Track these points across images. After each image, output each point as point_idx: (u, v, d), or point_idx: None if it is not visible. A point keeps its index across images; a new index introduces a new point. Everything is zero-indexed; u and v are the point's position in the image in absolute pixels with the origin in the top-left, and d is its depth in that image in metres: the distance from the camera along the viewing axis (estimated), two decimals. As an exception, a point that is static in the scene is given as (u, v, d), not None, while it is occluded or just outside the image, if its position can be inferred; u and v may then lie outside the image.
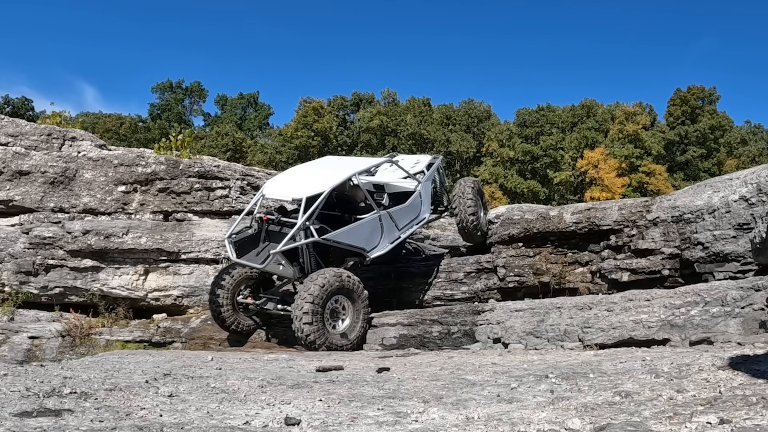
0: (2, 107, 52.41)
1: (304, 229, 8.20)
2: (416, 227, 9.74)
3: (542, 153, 48.61)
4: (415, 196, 9.49)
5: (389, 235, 9.09)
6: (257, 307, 9.01)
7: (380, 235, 8.93)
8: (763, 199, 7.33)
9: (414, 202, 9.47)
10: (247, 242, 8.70)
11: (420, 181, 9.73)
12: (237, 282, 8.97)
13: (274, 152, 50.31)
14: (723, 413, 3.06)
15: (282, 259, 8.14)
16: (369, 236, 8.80)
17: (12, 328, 10.05)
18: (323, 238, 8.28)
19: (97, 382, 4.82)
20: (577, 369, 5.02)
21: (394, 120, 51.77)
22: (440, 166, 10.52)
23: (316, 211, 8.29)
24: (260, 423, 3.60)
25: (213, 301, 8.95)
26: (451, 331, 8.04)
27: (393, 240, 9.16)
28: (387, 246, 9.04)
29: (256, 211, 9.09)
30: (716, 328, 6.23)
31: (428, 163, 10.33)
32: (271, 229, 8.74)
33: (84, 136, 11.76)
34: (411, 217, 9.47)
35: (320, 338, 7.73)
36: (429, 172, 10.01)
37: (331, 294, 7.89)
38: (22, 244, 10.65)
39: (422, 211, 9.68)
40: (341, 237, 8.47)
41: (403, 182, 9.78)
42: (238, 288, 9.01)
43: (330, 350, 7.70)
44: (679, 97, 52.96)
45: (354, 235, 8.62)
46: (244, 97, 65.10)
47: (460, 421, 3.49)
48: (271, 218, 8.83)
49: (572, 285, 8.89)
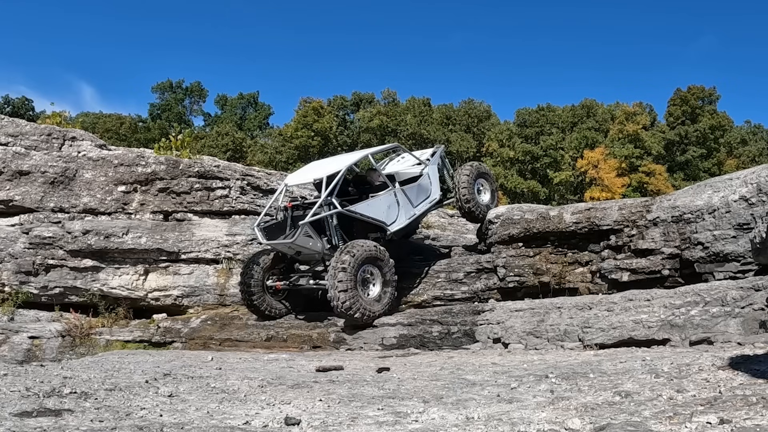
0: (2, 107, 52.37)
1: (328, 203, 8.83)
2: (429, 206, 10.37)
3: (542, 153, 48.59)
4: (424, 177, 10.18)
5: (406, 211, 9.76)
6: (290, 286, 9.53)
7: (397, 210, 9.62)
8: (763, 199, 7.33)
9: (424, 182, 10.15)
10: (274, 228, 9.34)
11: (426, 164, 10.36)
12: (265, 268, 9.49)
13: (274, 152, 50.28)
14: (723, 413, 3.06)
15: (311, 231, 8.75)
16: (388, 210, 9.49)
17: (12, 328, 10.05)
18: (347, 210, 8.97)
19: (97, 382, 4.83)
20: (577, 369, 5.02)
21: (394, 120, 51.75)
22: (443, 154, 11.08)
23: (337, 187, 8.96)
24: (260, 423, 3.61)
25: (245, 288, 9.44)
26: (451, 331, 8.04)
27: (410, 216, 9.83)
28: (404, 221, 9.72)
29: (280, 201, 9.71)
30: (716, 328, 6.23)
31: (432, 152, 11.05)
32: (296, 215, 9.30)
33: (84, 136, 11.75)
34: (424, 196, 10.14)
35: (355, 305, 8.29)
36: (433, 158, 10.69)
37: (361, 263, 8.46)
38: (22, 244, 10.65)
39: (433, 192, 10.32)
40: (362, 209, 9.19)
41: (411, 169, 10.41)
42: (267, 274, 9.53)
43: (363, 316, 8.36)
44: (679, 97, 52.94)
45: (374, 209, 9.31)
46: (244, 97, 65.04)
47: (460, 421, 3.49)
48: (296, 203, 9.61)
49: (572, 285, 8.88)
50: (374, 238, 9.27)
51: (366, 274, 8.64)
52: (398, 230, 9.63)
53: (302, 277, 9.55)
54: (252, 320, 9.78)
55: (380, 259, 8.75)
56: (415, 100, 54.26)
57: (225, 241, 10.92)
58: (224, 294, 10.73)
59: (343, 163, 9.43)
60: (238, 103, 64.88)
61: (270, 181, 12.16)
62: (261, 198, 11.71)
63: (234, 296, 10.67)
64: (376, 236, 9.40)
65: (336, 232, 8.98)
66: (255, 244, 10.49)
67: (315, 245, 8.86)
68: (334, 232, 8.97)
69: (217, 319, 10.03)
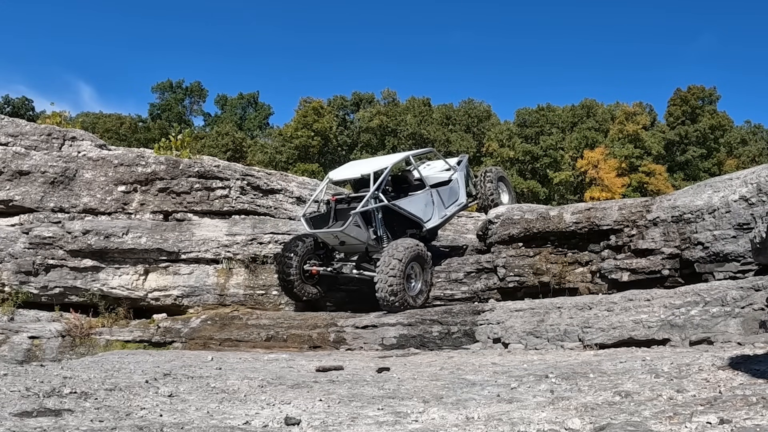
0: (2, 107, 52.40)
1: (375, 197, 9.45)
2: (457, 208, 11.09)
3: (542, 153, 48.60)
4: (454, 182, 11.02)
5: (439, 210, 10.52)
6: (334, 273, 10.03)
7: (432, 209, 10.37)
8: (763, 199, 7.33)
9: (453, 186, 10.97)
10: (318, 219, 9.84)
11: (456, 170, 11.28)
12: (303, 254, 9.95)
13: (274, 152, 50.26)
14: (723, 413, 3.06)
15: (360, 221, 9.27)
16: (425, 209, 10.21)
17: (12, 328, 10.04)
18: (392, 204, 9.58)
19: (97, 382, 4.83)
20: (577, 369, 5.02)
21: (394, 120, 51.74)
22: (467, 163, 12.02)
23: (383, 182, 9.62)
24: (260, 423, 3.61)
25: (283, 276, 9.88)
26: (451, 331, 8.04)
27: (442, 216, 10.58)
28: (438, 220, 10.46)
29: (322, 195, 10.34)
30: (716, 328, 6.22)
31: (458, 160, 12.02)
32: (339, 208, 9.77)
33: (84, 136, 11.75)
34: (453, 199, 10.92)
35: (400, 298, 8.83)
36: (461, 165, 11.61)
37: (410, 260, 9.00)
38: (22, 244, 10.65)
39: (461, 196, 11.14)
40: (404, 204, 9.86)
41: (440, 174, 11.28)
42: (305, 259, 9.98)
43: (404, 308, 8.80)
44: (679, 97, 52.95)
45: (414, 206, 10.01)
46: (244, 97, 65.05)
47: (460, 421, 3.49)
48: (340, 197, 10.17)
49: (572, 285, 8.88)
50: (411, 234, 9.88)
51: (411, 270, 9.15)
52: (432, 228, 10.35)
53: (345, 266, 10.03)
54: (252, 320, 9.78)
55: (424, 258, 9.31)
56: (415, 100, 54.26)
57: (225, 241, 10.91)
58: (224, 294, 10.73)
59: (389, 162, 10.14)
60: (238, 103, 64.89)
61: (270, 181, 12.14)
62: (261, 198, 11.70)
63: (234, 296, 10.68)
64: (413, 232, 10.01)
65: (381, 224, 9.58)
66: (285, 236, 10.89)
67: (362, 235, 9.40)
68: (379, 224, 9.56)
69: (217, 319, 10.03)
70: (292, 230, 10.99)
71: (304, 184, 12.93)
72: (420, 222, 10.04)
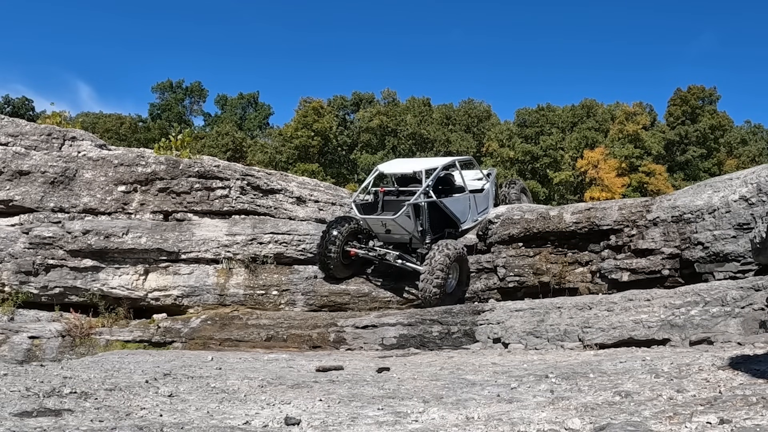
0: (2, 107, 52.37)
1: (425, 192, 9.93)
2: (485, 216, 11.30)
3: (542, 153, 48.55)
4: (486, 191, 11.65)
5: (473, 214, 11.04)
6: (377, 258, 10.38)
7: (468, 212, 10.95)
8: (763, 199, 7.33)
9: (486, 194, 11.63)
10: (367, 207, 10.53)
11: (488, 180, 11.94)
12: (346, 236, 10.42)
13: (274, 152, 50.22)
14: (723, 413, 3.06)
15: (411, 212, 9.71)
16: (463, 210, 10.84)
17: (12, 328, 10.04)
18: (439, 201, 10.20)
19: (97, 382, 4.83)
20: (577, 369, 5.02)
21: (394, 120, 51.70)
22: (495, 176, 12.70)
23: (434, 180, 10.16)
24: (260, 423, 3.60)
25: (325, 253, 10.25)
26: (451, 331, 8.04)
27: (474, 220, 11.03)
28: (471, 223, 10.95)
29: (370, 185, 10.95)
30: (716, 328, 6.22)
31: (488, 172, 12.72)
32: (387, 199, 10.48)
33: (84, 136, 11.75)
34: (484, 207, 11.43)
35: (440, 295, 9.22)
36: (491, 177, 12.27)
37: (455, 259, 9.45)
38: (22, 244, 10.64)
39: (489, 205, 11.69)
40: (449, 203, 10.47)
41: (474, 183, 11.82)
42: (346, 240, 10.45)
43: (440, 304, 9.07)
44: (679, 97, 52.91)
45: (456, 206, 10.64)
46: (244, 97, 65.01)
47: (460, 421, 3.49)
48: (389, 189, 10.89)
49: (572, 285, 8.88)
50: (448, 233, 10.49)
51: (451, 270, 9.56)
52: (464, 229, 10.83)
53: (389, 253, 10.25)
54: (252, 320, 9.78)
55: (464, 260, 9.79)
56: (415, 100, 54.22)
57: (225, 240, 10.91)
58: (224, 294, 10.73)
59: (439, 163, 10.80)
60: (238, 103, 64.84)
61: (270, 181, 12.14)
62: (261, 198, 11.70)
63: (234, 296, 10.68)
64: (450, 231, 10.59)
65: (427, 218, 10.06)
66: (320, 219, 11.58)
67: (409, 225, 9.84)
68: (426, 218, 10.05)
69: (217, 319, 10.03)
70: (292, 230, 11.00)
71: (304, 184, 12.91)
72: (458, 222, 10.64)
